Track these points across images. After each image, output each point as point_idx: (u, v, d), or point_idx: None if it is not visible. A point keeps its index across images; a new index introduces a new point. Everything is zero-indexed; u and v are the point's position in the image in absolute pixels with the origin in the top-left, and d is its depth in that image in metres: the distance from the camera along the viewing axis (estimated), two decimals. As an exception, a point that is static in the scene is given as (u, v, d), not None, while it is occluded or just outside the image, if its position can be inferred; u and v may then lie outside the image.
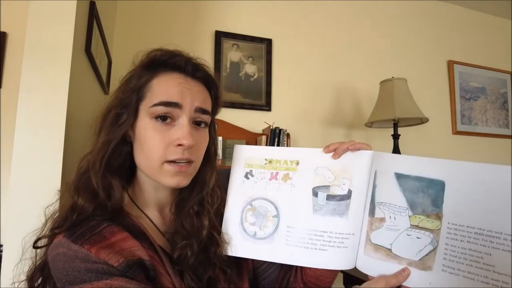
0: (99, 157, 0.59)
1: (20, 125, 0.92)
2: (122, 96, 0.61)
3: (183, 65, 0.62)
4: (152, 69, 0.62)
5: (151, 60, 0.62)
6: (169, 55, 0.62)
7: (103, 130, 0.61)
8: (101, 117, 0.62)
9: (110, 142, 0.59)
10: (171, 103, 0.59)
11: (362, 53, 2.68)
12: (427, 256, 0.54)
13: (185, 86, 0.61)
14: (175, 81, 0.60)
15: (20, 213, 0.88)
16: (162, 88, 0.60)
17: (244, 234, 0.67)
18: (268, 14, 2.46)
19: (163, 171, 0.59)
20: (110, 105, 0.62)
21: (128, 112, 0.60)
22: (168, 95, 0.59)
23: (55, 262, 0.51)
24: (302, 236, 0.63)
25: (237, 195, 0.70)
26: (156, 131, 0.59)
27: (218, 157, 2.06)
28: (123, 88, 0.62)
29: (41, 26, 0.96)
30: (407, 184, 0.58)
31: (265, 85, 2.38)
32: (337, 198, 0.63)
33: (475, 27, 3.14)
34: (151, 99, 0.59)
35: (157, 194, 0.66)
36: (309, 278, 0.70)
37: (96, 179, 0.58)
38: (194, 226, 0.64)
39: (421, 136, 2.73)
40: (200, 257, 0.62)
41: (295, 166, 0.68)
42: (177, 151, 0.59)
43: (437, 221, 0.55)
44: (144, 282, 0.53)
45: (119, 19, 2.12)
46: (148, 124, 0.59)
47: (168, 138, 0.59)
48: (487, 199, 0.51)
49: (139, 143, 0.61)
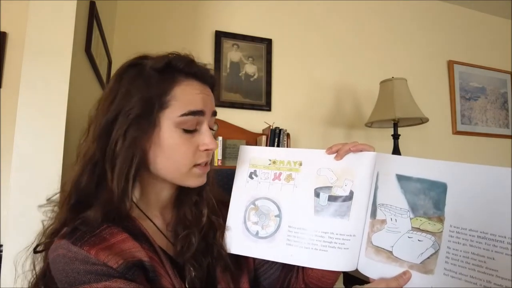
0: (124, 174, 0.56)
1: (20, 125, 0.92)
2: (132, 103, 0.57)
3: (200, 73, 0.63)
4: (170, 75, 0.60)
5: (168, 65, 0.60)
6: (186, 62, 0.62)
7: (118, 142, 0.57)
8: (102, 124, 0.58)
9: (133, 157, 0.57)
10: (198, 112, 0.61)
11: (362, 53, 2.68)
12: (428, 259, 0.54)
13: (204, 93, 0.63)
14: (197, 89, 0.62)
15: (20, 213, 0.88)
16: (188, 97, 0.60)
17: (246, 233, 0.68)
18: (268, 14, 2.46)
19: (192, 174, 0.63)
20: (114, 111, 0.58)
21: (149, 121, 0.58)
22: (195, 104, 0.60)
23: (55, 264, 0.51)
24: (303, 236, 0.63)
25: (241, 194, 0.71)
26: (183, 139, 0.60)
27: (218, 157, 2.07)
28: (129, 93, 0.58)
29: (41, 26, 0.96)
30: (409, 186, 0.58)
31: (265, 85, 2.38)
32: (338, 199, 0.63)
33: (475, 27, 3.14)
34: (176, 108, 0.59)
35: (161, 195, 0.66)
36: (311, 279, 0.69)
37: (123, 195, 0.56)
38: (194, 215, 0.67)
39: (421, 136, 2.73)
40: (201, 244, 0.64)
41: (298, 167, 0.68)
42: (203, 155, 0.63)
43: (439, 223, 0.54)
44: (143, 283, 0.53)
45: (119, 19, 2.11)
46: (174, 133, 0.59)
47: (195, 144, 0.62)
48: (490, 202, 0.51)
49: (163, 152, 0.59)
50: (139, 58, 0.62)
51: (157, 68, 0.59)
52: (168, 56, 0.62)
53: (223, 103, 2.25)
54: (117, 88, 0.59)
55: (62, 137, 0.94)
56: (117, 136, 0.57)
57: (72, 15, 1.00)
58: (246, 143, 2.17)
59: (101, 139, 0.58)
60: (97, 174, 0.57)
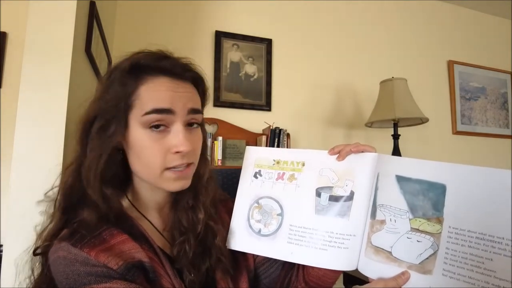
0: (92, 172, 0.56)
1: (20, 125, 0.92)
2: (106, 105, 0.57)
3: (170, 68, 0.60)
4: (136, 74, 0.58)
5: (134, 65, 0.59)
6: (153, 58, 0.59)
7: (90, 143, 0.58)
8: (82, 127, 0.59)
9: (100, 156, 0.57)
10: (163, 110, 0.57)
11: (362, 53, 2.68)
12: (427, 260, 0.54)
13: (175, 90, 0.59)
14: (164, 86, 0.58)
15: (20, 213, 0.88)
16: (152, 94, 0.57)
17: (249, 230, 0.70)
18: (268, 14, 2.46)
19: (165, 178, 0.59)
20: (92, 113, 0.59)
21: (117, 122, 0.57)
22: (159, 101, 0.57)
23: (55, 265, 0.52)
24: (303, 235, 0.65)
25: (245, 193, 0.73)
26: (151, 140, 0.57)
27: (218, 157, 2.07)
28: (105, 95, 0.58)
29: (41, 26, 0.96)
30: (408, 187, 0.58)
31: (265, 85, 2.38)
32: (339, 199, 0.64)
33: (475, 27, 3.14)
34: (141, 107, 0.57)
35: (155, 196, 0.66)
36: (311, 278, 0.70)
37: (94, 194, 0.56)
38: (190, 221, 0.66)
39: (421, 136, 2.73)
40: (198, 249, 0.63)
41: (301, 167, 0.69)
42: (175, 158, 0.59)
43: (438, 224, 0.54)
44: (143, 284, 0.53)
45: (119, 19, 2.11)
46: (142, 134, 0.57)
47: (165, 146, 0.58)
48: (489, 204, 0.51)
49: (135, 153, 0.59)
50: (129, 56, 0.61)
51: (124, 69, 0.59)
52: (134, 55, 0.60)
53: (223, 103, 2.25)
54: (97, 95, 0.60)
55: (62, 137, 0.94)
56: (91, 137, 0.58)
57: (72, 15, 1.00)
58: (246, 143, 2.17)
59: (83, 141, 0.59)
60: (82, 176, 0.57)
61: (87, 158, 0.57)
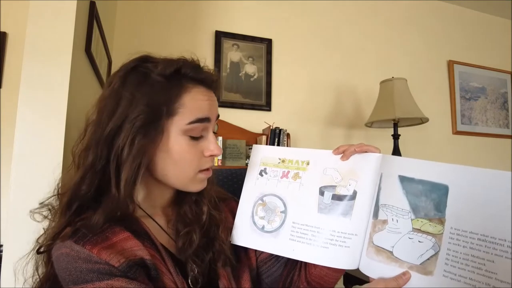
0: (129, 183, 0.55)
1: (20, 125, 0.92)
2: (144, 110, 0.56)
3: (206, 78, 0.63)
4: (179, 81, 0.59)
5: (176, 71, 0.60)
6: (193, 68, 0.62)
7: (126, 148, 0.55)
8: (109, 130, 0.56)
9: (139, 165, 0.56)
10: (205, 119, 0.61)
11: (362, 53, 2.68)
12: (428, 261, 0.54)
13: (210, 99, 0.63)
14: (204, 95, 0.62)
15: (20, 213, 0.88)
16: (195, 104, 0.60)
17: (253, 227, 0.71)
18: (268, 14, 2.46)
19: (196, 180, 0.64)
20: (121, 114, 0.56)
21: (156, 129, 0.57)
22: (201, 111, 0.61)
23: (58, 262, 0.52)
24: (306, 232, 0.65)
25: (251, 190, 0.74)
26: (189, 146, 0.61)
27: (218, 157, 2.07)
28: (138, 97, 0.57)
29: (41, 26, 0.96)
30: (410, 187, 0.58)
31: (265, 85, 2.38)
32: (342, 198, 0.64)
33: (475, 27, 3.14)
34: (184, 116, 0.59)
35: (164, 196, 0.68)
36: (313, 277, 0.70)
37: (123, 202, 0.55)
38: (194, 213, 0.68)
39: (421, 136, 2.73)
40: (202, 240, 0.65)
41: (306, 166, 0.71)
42: (208, 160, 0.64)
43: (440, 225, 0.54)
44: (145, 282, 0.53)
45: (119, 19, 2.11)
46: (182, 140, 0.60)
47: (200, 150, 0.63)
48: (491, 205, 0.51)
49: (171, 159, 0.60)
50: (141, 59, 0.61)
51: (165, 74, 0.58)
52: (176, 61, 0.60)
53: (223, 103, 2.25)
54: (120, 93, 0.57)
55: (62, 137, 0.94)
56: (123, 143, 0.56)
57: (72, 15, 1.00)
58: (246, 143, 2.17)
59: (105, 145, 0.56)
60: (99, 179, 0.57)
61: (126, 167, 0.56)
